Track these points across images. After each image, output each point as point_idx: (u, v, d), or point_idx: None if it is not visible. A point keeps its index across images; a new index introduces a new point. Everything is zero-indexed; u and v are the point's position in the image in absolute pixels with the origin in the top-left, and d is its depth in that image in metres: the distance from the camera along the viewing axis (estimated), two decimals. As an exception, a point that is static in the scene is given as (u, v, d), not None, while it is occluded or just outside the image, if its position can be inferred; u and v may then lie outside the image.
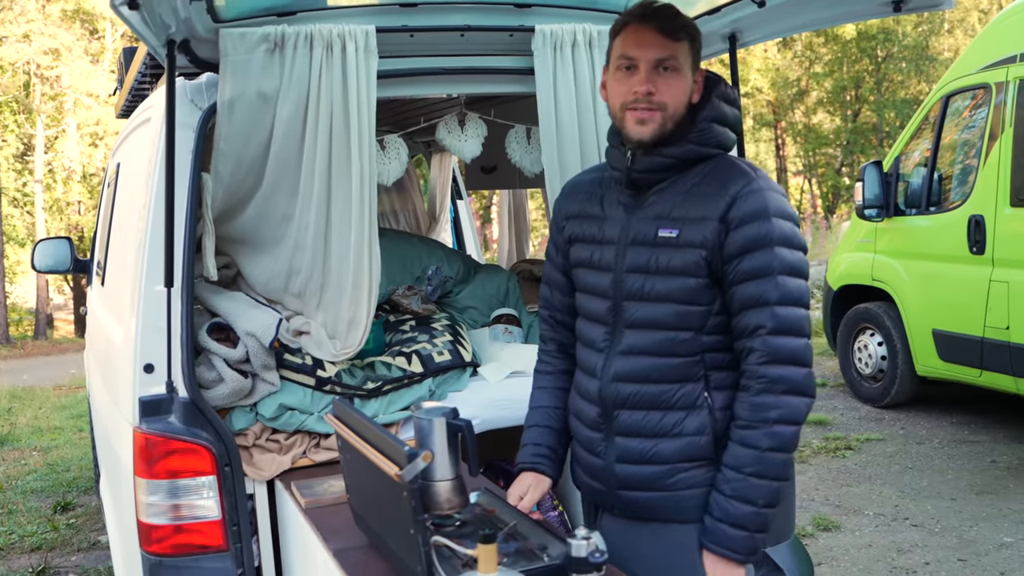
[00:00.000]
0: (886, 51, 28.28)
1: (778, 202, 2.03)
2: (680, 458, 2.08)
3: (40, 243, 5.80)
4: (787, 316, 1.98)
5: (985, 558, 4.64)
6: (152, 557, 2.60)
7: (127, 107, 4.28)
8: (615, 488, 2.16)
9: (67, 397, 10.77)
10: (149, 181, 2.77)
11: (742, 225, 2.00)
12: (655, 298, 2.08)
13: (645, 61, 2.07)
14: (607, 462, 2.16)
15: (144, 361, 2.64)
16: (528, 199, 5.37)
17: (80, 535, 5.65)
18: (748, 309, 2.00)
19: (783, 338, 1.98)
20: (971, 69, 6.63)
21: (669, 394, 2.08)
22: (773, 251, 1.98)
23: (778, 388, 1.97)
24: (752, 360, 2.00)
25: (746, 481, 1.98)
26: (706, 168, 2.11)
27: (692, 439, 2.07)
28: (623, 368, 2.12)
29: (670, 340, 2.07)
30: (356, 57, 2.70)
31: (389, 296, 3.62)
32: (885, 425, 7.18)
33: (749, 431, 1.99)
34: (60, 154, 23.19)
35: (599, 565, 1.76)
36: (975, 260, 6.29)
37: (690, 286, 2.05)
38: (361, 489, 2.16)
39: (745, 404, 2.00)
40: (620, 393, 2.12)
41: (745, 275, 2.00)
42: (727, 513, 2.00)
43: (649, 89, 2.06)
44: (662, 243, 2.08)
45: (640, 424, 2.10)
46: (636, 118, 2.08)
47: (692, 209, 2.06)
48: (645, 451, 2.10)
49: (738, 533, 2.00)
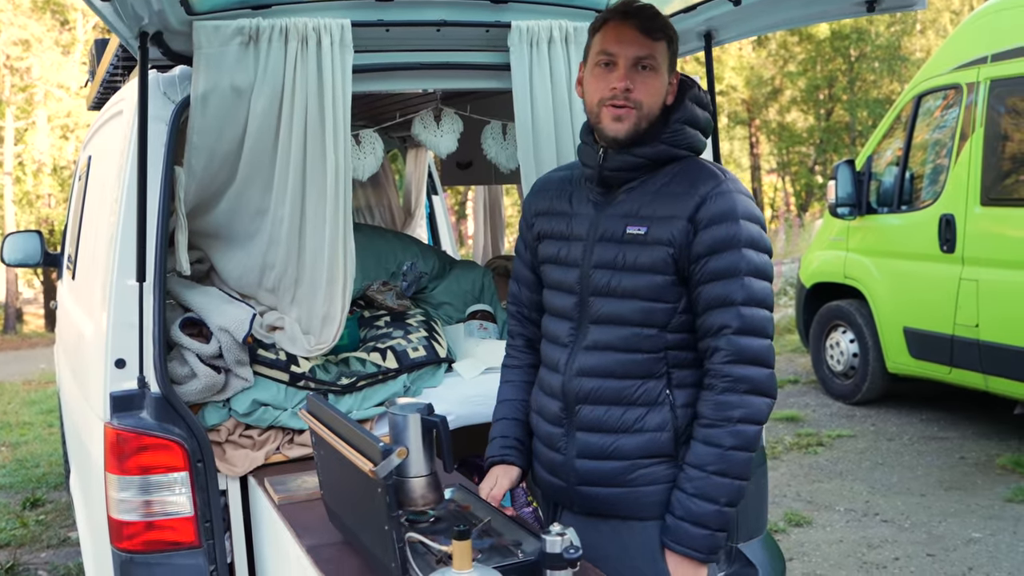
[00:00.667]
0: (859, 51, 28.45)
1: (746, 205, 2.05)
2: (640, 454, 2.09)
3: (9, 236, 5.72)
4: (752, 317, 2.00)
5: (954, 553, 4.69)
6: (123, 554, 2.58)
7: (99, 99, 4.23)
8: (575, 484, 2.17)
9: (37, 392, 10.65)
10: (121, 174, 2.74)
11: (710, 225, 2.02)
12: (621, 294, 2.09)
13: (624, 58, 2.08)
14: (567, 457, 2.17)
15: (115, 356, 2.61)
16: (504, 195, 5.37)
17: (50, 531, 5.60)
18: (714, 309, 2.02)
19: (748, 338, 2.00)
20: (943, 69, 6.69)
21: (631, 390, 2.09)
22: (740, 252, 2.01)
23: (742, 387, 1.99)
24: (717, 359, 2.01)
25: (709, 479, 2.00)
26: (675, 169, 2.13)
27: (653, 435, 2.08)
28: (587, 363, 2.13)
29: (635, 336, 2.08)
30: (331, 51, 2.69)
31: (364, 291, 3.61)
32: (856, 422, 7.24)
33: (713, 429, 2.00)
34: (30, 146, 22.91)
35: (573, 561, 1.76)
36: (945, 259, 6.35)
37: (656, 283, 2.06)
38: (335, 485, 2.15)
39: (709, 403, 2.02)
40: (582, 388, 2.13)
41: (712, 275, 2.02)
42: (689, 511, 2.01)
43: (627, 86, 2.07)
44: (630, 240, 2.09)
45: (601, 419, 2.11)
46: (613, 115, 2.09)
47: (661, 208, 2.08)
48: (605, 447, 2.11)
49: (700, 531, 2.01)
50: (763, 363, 2.01)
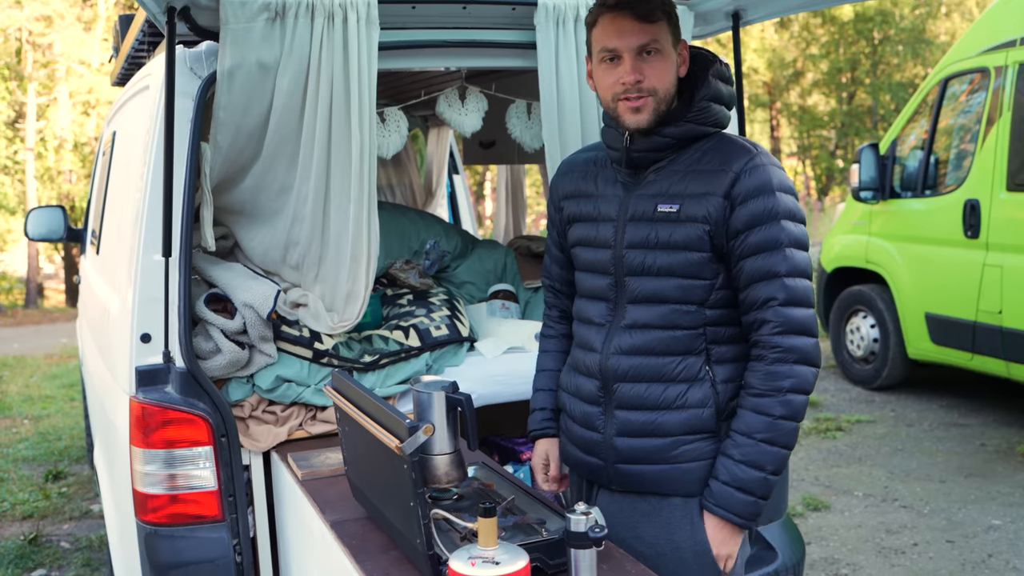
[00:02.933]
0: (883, 33, 28.16)
1: (780, 177, 2.05)
2: (683, 430, 2.09)
3: (33, 211, 5.76)
4: (796, 287, 2.01)
5: (973, 540, 4.68)
6: (147, 526, 2.60)
7: (123, 75, 4.24)
8: (614, 462, 2.16)
9: (58, 366, 10.75)
10: (147, 150, 2.75)
11: (747, 200, 2.02)
12: (657, 272, 2.09)
13: (628, 50, 2.06)
14: (606, 436, 2.17)
15: (141, 331, 2.63)
16: (525, 176, 5.35)
17: (72, 504, 5.65)
18: (758, 282, 2.02)
19: (794, 309, 2.01)
20: (970, 53, 6.62)
21: (671, 367, 2.09)
22: (780, 224, 2.01)
23: (791, 357, 2.00)
24: (765, 331, 2.02)
25: (757, 447, 2.01)
26: (705, 146, 2.12)
27: (695, 412, 2.08)
28: (626, 342, 2.13)
29: (673, 313, 2.09)
30: (357, 28, 2.68)
31: (387, 270, 3.61)
32: (876, 407, 7.21)
33: (763, 399, 2.01)
34: (52, 122, 23.01)
35: (599, 540, 1.76)
36: (969, 244, 6.30)
37: (692, 260, 2.06)
38: (359, 461, 2.16)
39: (759, 373, 2.02)
40: (621, 366, 2.13)
41: (753, 249, 2.02)
42: (735, 477, 2.02)
43: (637, 78, 2.06)
44: (661, 218, 2.09)
45: (642, 397, 2.11)
46: (630, 107, 2.08)
47: (693, 185, 2.07)
48: (647, 424, 2.11)
49: (744, 497, 2.03)
50: (809, 332, 2.02)
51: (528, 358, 3.09)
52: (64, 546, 4.99)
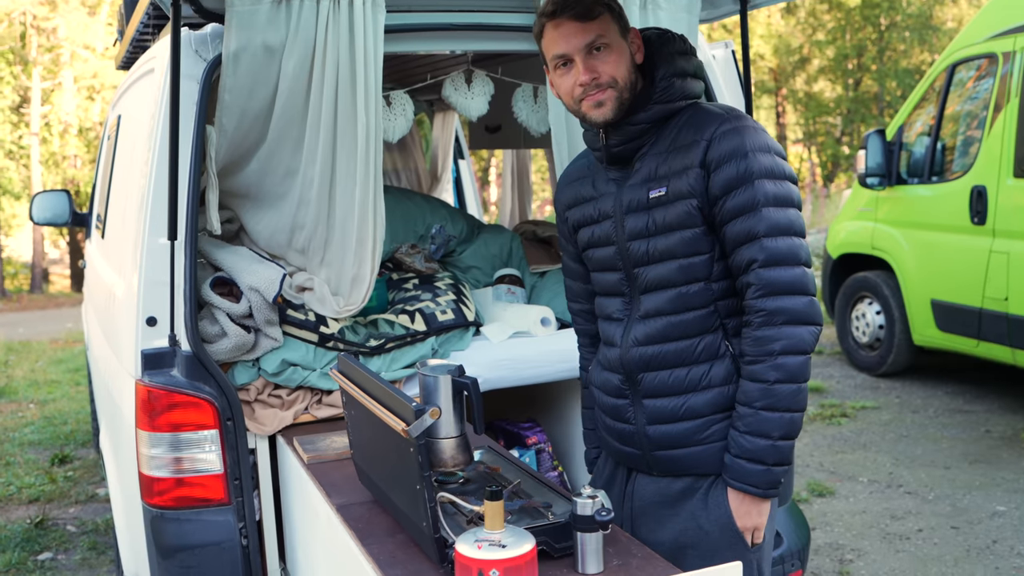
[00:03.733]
0: (889, 19, 28.01)
1: (754, 137, 2.01)
2: (712, 410, 2.09)
3: (38, 196, 5.76)
4: (777, 247, 1.97)
5: (978, 526, 4.68)
6: (153, 509, 2.61)
7: (128, 58, 4.23)
8: (650, 450, 2.16)
9: (64, 351, 10.77)
10: (152, 133, 2.75)
11: (720, 166, 2.00)
12: (659, 258, 2.09)
13: (577, 52, 2.06)
14: (637, 426, 2.17)
15: (147, 314, 2.63)
16: (531, 161, 5.33)
17: (78, 487, 5.68)
18: (740, 246, 2.00)
19: (776, 269, 1.97)
20: (978, 38, 6.58)
21: (691, 348, 2.09)
22: (754, 185, 1.98)
23: (778, 319, 1.97)
24: (750, 295, 2.00)
25: (758, 415, 1.99)
26: (680, 120, 2.11)
27: (720, 390, 2.08)
28: (642, 332, 2.13)
29: (681, 295, 2.08)
30: (363, 11, 2.67)
31: (392, 254, 3.61)
32: (881, 393, 7.21)
33: (755, 365, 2.00)
34: (56, 107, 23.00)
35: (605, 523, 1.76)
36: (976, 231, 6.28)
37: (688, 238, 2.06)
38: (365, 445, 2.16)
39: (749, 339, 2.01)
40: (642, 356, 2.13)
41: (731, 213, 2.00)
42: (743, 448, 2.02)
43: (591, 76, 2.06)
44: (655, 204, 2.09)
45: (667, 383, 2.11)
46: (592, 102, 2.08)
47: (675, 163, 2.07)
48: (676, 409, 2.10)
49: (755, 467, 2.01)
50: (797, 291, 1.98)
51: (534, 343, 3.10)
52: (70, 529, 5.01)
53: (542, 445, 3.32)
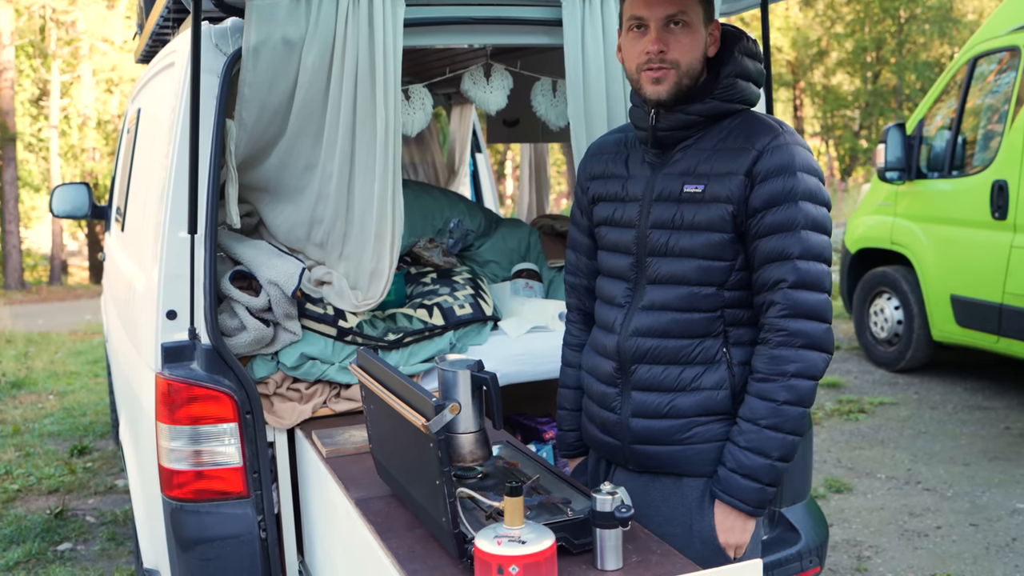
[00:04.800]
0: (909, 12, 27.84)
1: (804, 157, 2.01)
2: (697, 412, 2.08)
3: (58, 188, 5.79)
4: (808, 270, 1.97)
5: (997, 523, 4.65)
6: (173, 502, 2.62)
7: (147, 52, 4.25)
8: (629, 442, 2.16)
9: (83, 342, 10.84)
10: (173, 127, 2.75)
11: (767, 179, 1.99)
12: (679, 253, 2.07)
13: (655, 20, 2.04)
14: (622, 416, 2.17)
15: (167, 308, 2.64)
16: (549, 155, 5.33)
17: (97, 479, 5.71)
18: (770, 263, 1.99)
19: (804, 292, 1.97)
20: (999, 31, 6.52)
21: (689, 349, 2.08)
22: (797, 205, 1.97)
23: (797, 342, 1.97)
24: (772, 313, 1.99)
25: (761, 433, 1.98)
26: (731, 124, 2.09)
27: (710, 393, 2.07)
28: (644, 323, 2.11)
29: (692, 295, 2.07)
30: (383, 5, 2.66)
31: (410, 248, 3.61)
32: (899, 389, 7.17)
33: (767, 384, 1.99)
34: (75, 100, 23.13)
35: (625, 520, 1.76)
36: (997, 226, 6.23)
37: (714, 241, 2.04)
38: (385, 439, 2.16)
39: (764, 357, 2.00)
40: (639, 348, 2.12)
41: (768, 229, 1.99)
42: (741, 464, 2.01)
43: (660, 48, 2.04)
44: (687, 199, 2.06)
45: (658, 379, 2.10)
46: (651, 77, 2.06)
47: (718, 164, 2.04)
48: (662, 405, 2.10)
49: (750, 484, 2.01)
50: (819, 318, 1.98)
51: (552, 337, 3.09)
52: (89, 520, 5.04)
53: (559, 440, 3.31)
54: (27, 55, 22.85)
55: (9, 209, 20.31)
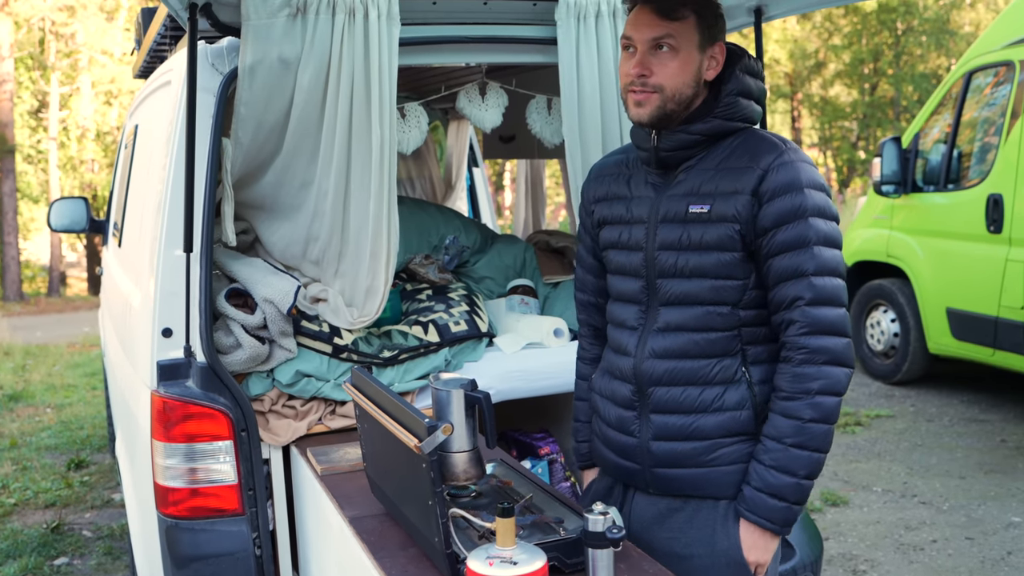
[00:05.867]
0: (906, 24, 27.89)
1: (810, 173, 2.01)
2: (721, 433, 2.06)
3: (56, 203, 5.81)
4: (824, 286, 1.97)
5: (993, 537, 4.65)
6: (168, 519, 2.62)
7: (145, 68, 4.27)
8: (650, 466, 2.13)
9: (81, 355, 10.84)
10: (169, 144, 2.77)
11: (775, 198, 1.98)
12: (689, 274, 2.06)
13: (641, 42, 2.05)
14: (641, 440, 2.14)
15: (162, 325, 2.65)
16: (545, 168, 5.34)
17: (94, 493, 5.71)
18: (785, 281, 1.99)
19: (822, 308, 1.96)
20: (995, 46, 6.56)
21: (707, 369, 2.06)
22: (807, 222, 1.97)
23: (819, 359, 1.96)
24: (792, 331, 1.98)
25: (787, 452, 1.98)
26: (734, 143, 2.09)
27: (733, 414, 2.06)
28: (660, 345, 2.10)
29: (707, 315, 2.06)
30: (378, 24, 2.68)
31: (406, 265, 3.62)
32: (895, 402, 7.18)
33: (791, 402, 1.98)
34: (74, 112, 23.17)
35: (616, 540, 1.76)
36: (992, 239, 6.25)
37: (724, 260, 2.03)
38: (378, 458, 2.17)
39: (787, 375, 1.99)
40: (656, 370, 2.09)
41: (780, 247, 1.98)
42: (767, 483, 2.00)
43: (642, 71, 2.04)
44: (693, 219, 2.05)
45: (678, 400, 2.08)
46: (634, 100, 2.07)
47: (723, 184, 2.04)
48: (685, 427, 2.08)
49: (777, 503, 2.00)
50: (839, 332, 1.98)
51: (547, 354, 3.10)
52: (86, 534, 5.05)
53: (555, 456, 3.32)
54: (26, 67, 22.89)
55: (8, 221, 20.32)
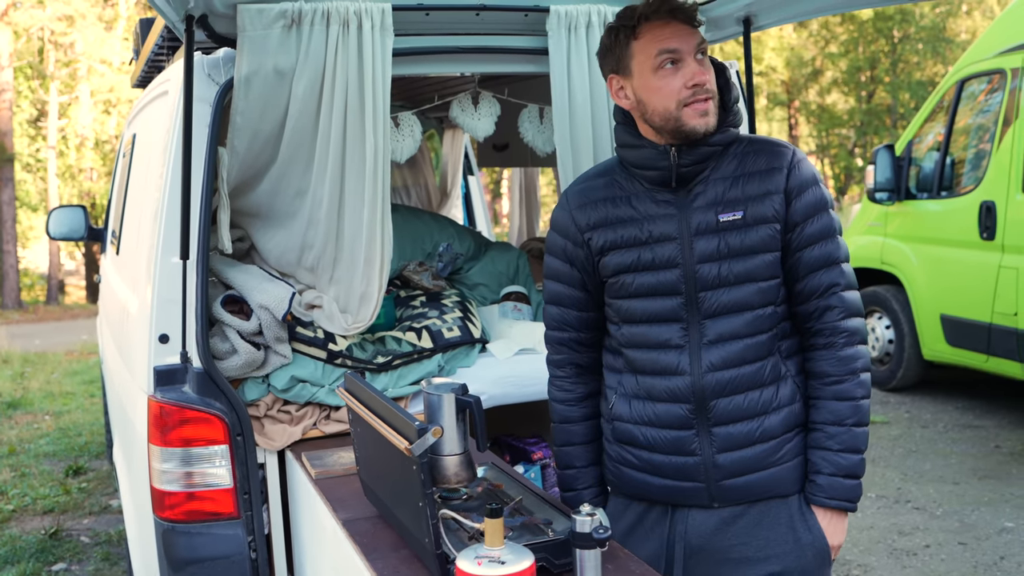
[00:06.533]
0: (903, 32, 28.01)
1: (815, 168, 2.15)
2: (784, 430, 2.13)
3: (55, 211, 5.85)
4: (850, 272, 2.13)
5: (986, 542, 4.69)
6: (165, 523, 2.66)
7: (143, 78, 4.31)
8: (717, 480, 2.13)
9: (79, 363, 10.87)
10: (166, 154, 2.81)
11: (802, 193, 2.09)
12: (735, 281, 2.09)
13: (689, 52, 2.04)
14: (704, 457, 2.13)
15: (159, 331, 2.68)
16: (539, 176, 5.39)
17: (92, 499, 5.74)
18: (819, 270, 2.09)
19: (852, 292, 2.12)
20: (987, 54, 6.61)
21: (762, 371, 2.12)
22: (829, 213, 2.11)
23: (856, 339, 2.11)
24: (831, 317, 2.09)
25: (850, 432, 2.08)
26: (738, 149, 2.14)
27: (790, 408, 2.14)
28: (718, 357, 2.10)
29: (757, 318, 2.11)
30: (372, 35, 2.72)
31: (400, 272, 3.66)
32: (891, 408, 7.22)
33: (842, 384, 2.09)
34: (73, 121, 23.24)
35: (603, 541, 1.80)
36: (985, 246, 6.30)
37: (768, 261, 2.10)
38: (371, 461, 2.20)
39: (831, 360, 2.10)
40: (719, 382, 2.10)
41: (811, 239, 2.09)
42: (840, 467, 2.09)
43: (705, 78, 2.04)
44: (726, 227, 2.08)
45: (741, 407, 2.11)
46: (699, 110, 2.03)
47: (750, 188, 2.09)
48: (752, 432, 2.11)
49: (852, 483, 2.11)
50: (862, 313, 2.15)
51: (539, 359, 3.12)
52: (84, 540, 5.07)
53: (547, 460, 3.35)
54: (25, 76, 22.96)
55: (6, 229, 20.36)
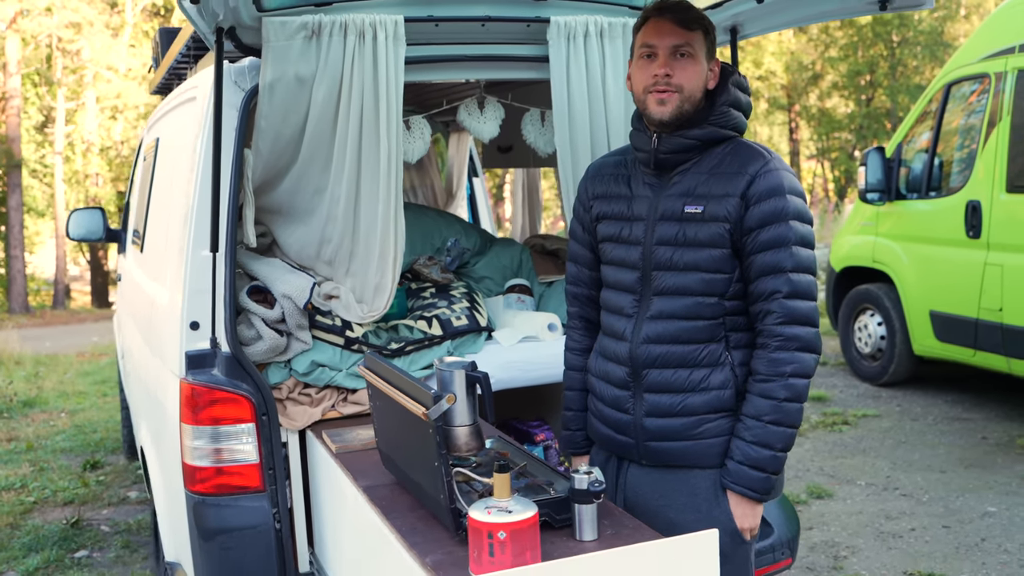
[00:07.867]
0: (901, 36, 28.23)
1: (791, 181, 2.28)
2: (707, 410, 2.32)
3: (74, 212, 6.05)
4: (800, 281, 2.23)
5: (968, 525, 4.89)
6: (196, 496, 2.87)
7: (163, 85, 4.53)
8: (643, 440, 2.38)
9: (90, 363, 11.08)
10: (195, 156, 3.03)
11: (761, 201, 2.24)
12: (683, 267, 2.31)
13: (663, 48, 2.29)
14: (635, 417, 2.38)
15: (190, 319, 2.90)
16: (541, 178, 5.60)
17: (110, 491, 5.95)
18: (766, 275, 2.24)
19: (796, 301, 2.23)
20: (973, 58, 6.82)
21: (695, 353, 2.32)
22: (788, 224, 2.23)
23: (792, 345, 2.22)
24: (769, 321, 2.24)
25: (765, 428, 2.23)
26: (725, 150, 2.34)
27: (718, 393, 2.31)
28: (653, 331, 2.34)
29: (696, 304, 2.31)
30: (386, 44, 2.95)
31: (411, 265, 3.88)
32: (882, 402, 7.42)
33: (767, 384, 2.23)
34: (80, 127, 23.44)
35: (598, 494, 2.02)
36: (971, 244, 6.50)
37: (715, 256, 2.28)
38: (389, 432, 2.42)
39: (763, 360, 2.25)
40: (650, 354, 2.34)
41: (763, 245, 2.24)
42: (748, 456, 2.25)
43: (667, 71, 2.29)
44: (688, 218, 2.30)
45: (669, 381, 2.33)
46: (656, 99, 2.29)
47: (715, 187, 2.29)
48: (674, 405, 2.33)
49: (758, 474, 2.26)
50: (810, 323, 2.24)
51: (542, 346, 3.36)
52: (104, 529, 5.28)
53: (549, 442, 3.57)
54: (33, 83, 23.18)
55: (14, 234, 20.60)
